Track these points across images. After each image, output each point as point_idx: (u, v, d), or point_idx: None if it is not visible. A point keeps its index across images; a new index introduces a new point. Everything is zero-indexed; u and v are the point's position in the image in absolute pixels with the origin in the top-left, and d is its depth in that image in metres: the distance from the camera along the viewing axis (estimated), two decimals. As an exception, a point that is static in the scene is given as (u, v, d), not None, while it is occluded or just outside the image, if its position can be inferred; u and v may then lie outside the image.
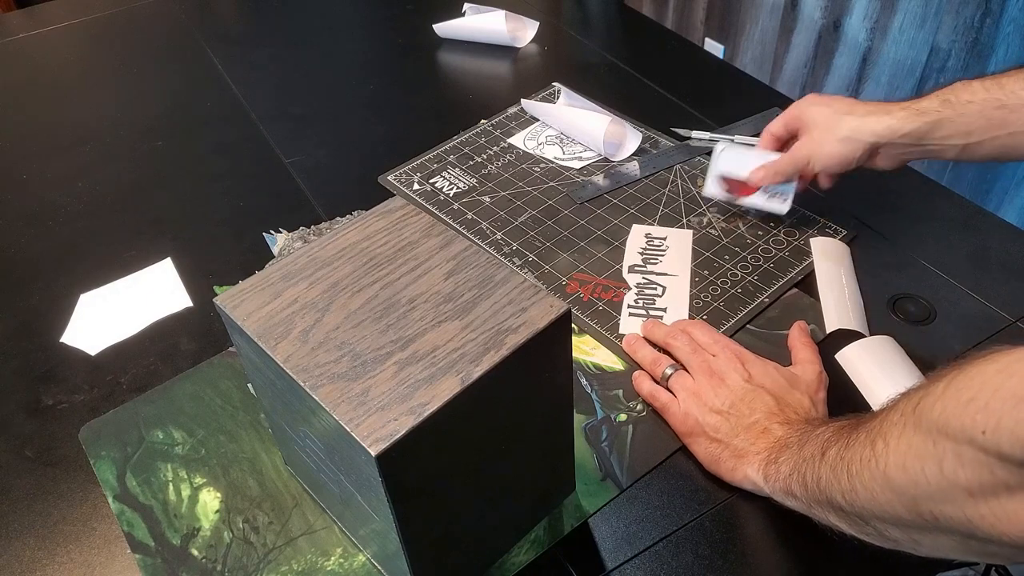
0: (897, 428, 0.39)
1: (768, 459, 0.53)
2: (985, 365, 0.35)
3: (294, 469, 0.59)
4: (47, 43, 1.20)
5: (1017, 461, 0.33)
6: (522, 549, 0.55)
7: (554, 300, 0.45)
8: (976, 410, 0.34)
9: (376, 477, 0.40)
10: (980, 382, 0.35)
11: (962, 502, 0.36)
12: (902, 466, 0.39)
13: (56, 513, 0.60)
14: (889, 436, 0.40)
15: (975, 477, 0.35)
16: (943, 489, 0.36)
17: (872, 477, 0.41)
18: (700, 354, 0.62)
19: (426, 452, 0.42)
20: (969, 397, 0.35)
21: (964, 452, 0.35)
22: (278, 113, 1.01)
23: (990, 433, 0.33)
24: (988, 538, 0.36)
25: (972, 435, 0.34)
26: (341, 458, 0.44)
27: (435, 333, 0.44)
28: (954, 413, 0.35)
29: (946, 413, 0.36)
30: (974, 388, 0.35)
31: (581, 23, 1.19)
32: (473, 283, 0.47)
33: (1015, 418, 0.32)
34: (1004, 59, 1.30)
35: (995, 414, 0.33)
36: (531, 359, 0.45)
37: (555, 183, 0.86)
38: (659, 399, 0.62)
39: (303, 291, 0.47)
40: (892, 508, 0.40)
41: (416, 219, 0.52)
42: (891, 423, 0.40)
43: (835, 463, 0.45)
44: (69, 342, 0.73)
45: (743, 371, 0.60)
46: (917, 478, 0.38)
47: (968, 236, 0.77)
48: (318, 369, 0.42)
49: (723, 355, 0.62)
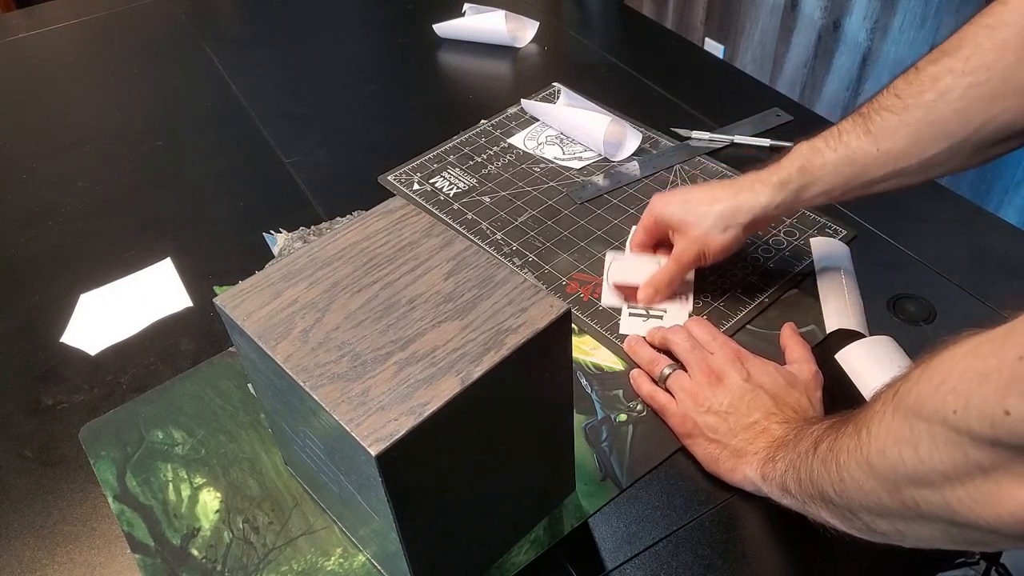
0: (879, 416, 0.40)
1: (766, 458, 0.54)
2: (955, 348, 0.36)
3: (294, 469, 0.59)
4: (47, 43, 1.20)
5: (987, 439, 0.33)
6: (522, 549, 0.55)
7: (554, 300, 0.45)
8: (947, 391, 0.34)
9: (376, 477, 0.40)
10: (950, 365, 0.35)
11: (940, 485, 0.36)
12: (882, 452, 0.39)
13: (56, 513, 0.60)
14: (872, 424, 0.41)
15: (950, 459, 0.35)
16: (921, 472, 0.37)
17: (858, 466, 0.41)
18: (698, 352, 0.62)
19: (426, 452, 0.42)
20: (940, 380, 0.35)
21: (938, 434, 0.35)
22: (278, 113, 1.01)
23: (960, 413, 0.34)
24: (967, 523, 0.36)
25: (944, 416, 0.35)
26: (341, 458, 0.44)
27: (435, 333, 0.44)
28: (928, 396, 0.36)
29: (921, 397, 0.36)
30: (944, 371, 0.35)
31: (581, 23, 1.19)
32: (473, 283, 0.47)
33: (981, 395, 0.33)
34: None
35: (963, 394, 0.34)
36: (531, 359, 0.44)
37: (555, 183, 0.86)
38: (657, 400, 0.62)
39: (303, 291, 0.47)
40: (877, 496, 0.41)
41: (416, 219, 0.52)
42: (874, 412, 0.41)
43: (825, 456, 0.45)
44: (69, 342, 0.73)
45: (742, 370, 0.60)
46: (896, 463, 0.38)
47: (968, 236, 0.77)
48: (318, 369, 0.42)
49: (721, 353, 0.62)
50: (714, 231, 0.67)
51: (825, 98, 1.66)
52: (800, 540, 0.55)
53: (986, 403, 0.32)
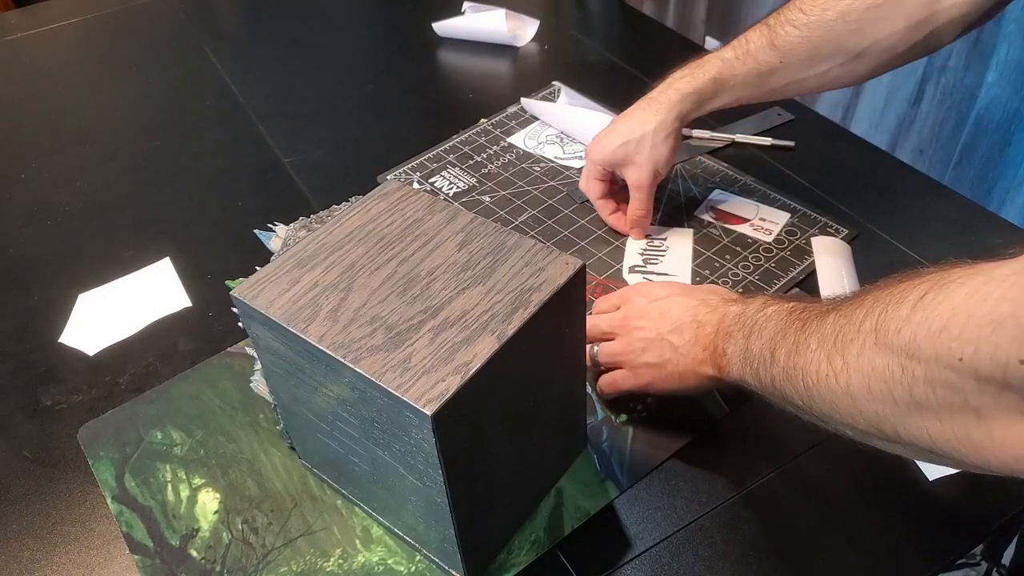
0: (855, 346, 0.40)
1: (715, 352, 0.53)
2: (951, 290, 0.35)
3: (312, 462, 0.59)
4: (46, 42, 1.20)
5: (996, 386, 0.33)
6: (522, 550, 0.55)
7: (568, 258, 0.48)
8: (951, 338, 0.34)
9: (430, 439, 0.41)
10: (950, 308, 0.34)
11: (928, 423, 0.36)
12: (866, 388, 0.39)
13: (55, 514, 0.60)
14: (847, 354, 0.40)
15: (946, 402, 0.35)
16: (911, 412, 0.37)
17: (832, 392, 0.41)
18: (610, 317, 0.62)
19: (471, 410, 0.43)
20: (941, 325, 0.34)
21: (936, 377, 0.35)
22: (277, 112, 1.01)
23: (967, 359, 0.33)
24: (946, 455, 0.37)
25: (948, 362, 0.34)
26: (382, 431, 0.45)
27: (461, 299, 0.46)
28: (926, 340, 0.35)
29: (917, 339, 0.36)
30: (944, 315, 0.34)
31: (581, 22, 1.18)
32: (487, 251, 0.49)
33: (994, 343, 0.32)
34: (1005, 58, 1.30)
35: (971, 342, 0.33)
36: (554, 313, 0.47)
37: (555, 182, 0.86)
38: (607, 382, 0.61)
39: (320, 275, 0.48)
40: (852, 420, 0.41)
41: (416, 198, 0.53)
42: (846, 339, 0.40)
43: (787, 369, 0.45)
44: (68, 342, 0.72)
45: (640, 298, 0.61)
46: (884, 399, 0.38)
47: (969, 236, 0.77)
48: (354, 344, 0.44)
49: (623, 298, 0.62)
50: (657, 148, 0.73)
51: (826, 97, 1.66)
52: (800, 541, 0.55)
53: (999, 351, 0.32)
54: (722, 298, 0.57)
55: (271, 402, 0.63)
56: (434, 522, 0.49)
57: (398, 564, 0.55)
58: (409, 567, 0.55)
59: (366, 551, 0.56)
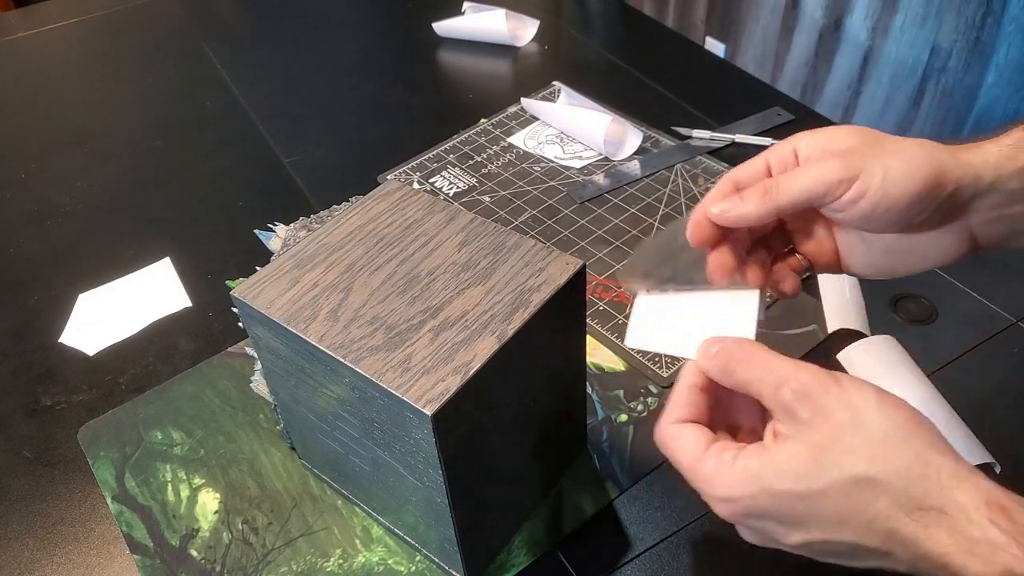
0: None
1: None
2: None
3: (312, 462, 0.59)
4: (46, 42, 1.20)
5: None
6: (522, 550, 0.55)
7: (568, 258, 0.48)
8: None
9: (429, 439, 0.41)
10: None
11: None
12: None
13: (55, 514, 0.60)
14: None
15: None
16: None
17: None
18: (728, 509, 0.43)
19: (471, 411, 0.43)
20: None
21: None
22: (277, 112, 1.01)
23: None
24: None
25: None
26: (382, 431, 0.45)
27: (461, 299, 0.46)
28: None
29: None
30: None
31: (581, 22, 1.18)
32: (487, 251, 0.49)
33: None
34: (1005, 59, 1.30)
35: None
36: (554, 313, 0.47)
37: (555, 182, 0.86)
38: None
39: (320, 275, 0.48)
40: None
41: (416, 198, 0.53)
42: None
43: None
44: (68, 342, 0.72)
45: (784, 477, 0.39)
46: None
47: (970, 236, 0.77)
48: (355, 344, 0.44)
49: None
50: (893, 159, 0.39)
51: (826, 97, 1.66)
52: (801, 541, 0.55)
53: None
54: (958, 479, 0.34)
55: (271, 402, 0.63)
56: (434, 522, 0.49)
57: (398, 564, 0.55)
58: (409, 567, 0.55)
59: (366, 551, 0.56)
